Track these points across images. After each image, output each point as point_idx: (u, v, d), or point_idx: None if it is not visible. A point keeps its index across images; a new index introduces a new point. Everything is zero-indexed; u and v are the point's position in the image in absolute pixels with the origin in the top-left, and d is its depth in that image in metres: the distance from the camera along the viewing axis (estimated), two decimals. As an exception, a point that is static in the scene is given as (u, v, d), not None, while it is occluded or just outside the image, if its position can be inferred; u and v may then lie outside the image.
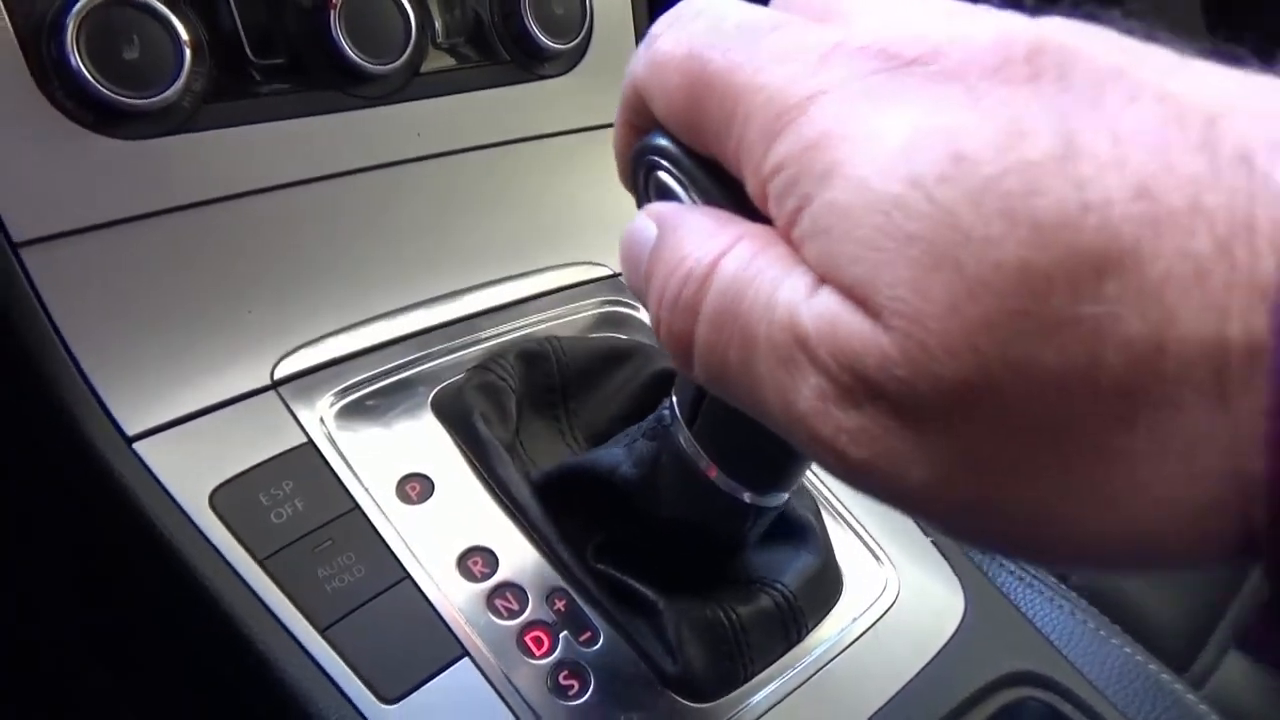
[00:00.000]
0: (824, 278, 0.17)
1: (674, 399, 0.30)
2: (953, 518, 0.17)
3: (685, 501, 0.31)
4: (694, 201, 0.21)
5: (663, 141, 0.21)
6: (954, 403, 0.15)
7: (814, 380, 0.17)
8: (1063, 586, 0.49)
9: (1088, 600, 0.50)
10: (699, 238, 0.19)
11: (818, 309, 0.17)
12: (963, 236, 0.15)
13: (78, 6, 0.33)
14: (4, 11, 0.32)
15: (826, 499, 0.42)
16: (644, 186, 0.23)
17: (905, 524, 0.43)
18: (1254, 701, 0.58)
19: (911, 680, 0.37)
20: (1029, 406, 0.15)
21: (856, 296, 0.16)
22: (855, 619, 0.38)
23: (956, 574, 0.42)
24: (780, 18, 0.19)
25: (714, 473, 0.29)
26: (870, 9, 0.19)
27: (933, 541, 0.43)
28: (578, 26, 0.46)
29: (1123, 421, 0.14)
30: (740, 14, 0.20)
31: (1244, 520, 0.14)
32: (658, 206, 0.21)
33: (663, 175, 0.22)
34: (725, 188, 0.20)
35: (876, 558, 0.41)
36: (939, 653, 0.38)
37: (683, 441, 0.30)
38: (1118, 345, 0.14)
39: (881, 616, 0.38)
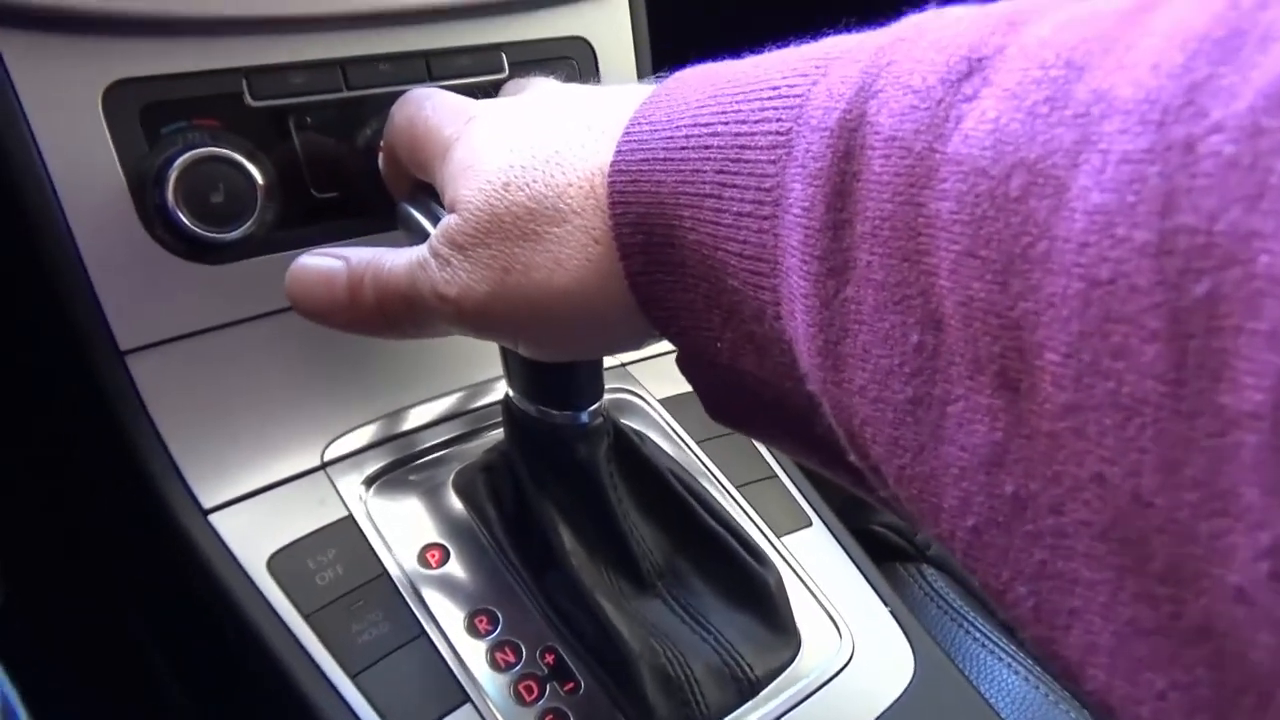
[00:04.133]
0: (449, 209, 0.32)
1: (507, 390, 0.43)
2: (496, 316, 0.31)
3: (534, 446, 0.43)
4: (430, 223, 0.37)
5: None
6: (484, 233, 0.31)
7: (433, 262, 0.32)
8: (1023, 654, 0.54)
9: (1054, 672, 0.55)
10: (372, 259, 0.35)
11: (439, 227, 0.32)
12: (498, 186, 0.31)
13: (176, 163, 0.41)
14: (119, 170, 0.41)
15: (795, 570, 0.48)
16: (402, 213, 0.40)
17: (864, 595, 0.49)
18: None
19: (857, 735, 0.43)
20: (514, 224, 0.30)
21: (454, 209, 0.32)
22: (809, 678, 0.44)
23: (910, 642, 0.47)
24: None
25: (533, 409, 0.41)
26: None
27: (891, 612, 0.48)
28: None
29: (552, 224, 0.29)
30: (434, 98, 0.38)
31: (622, 274, 0.28)
32: (340, 250, 0.37)
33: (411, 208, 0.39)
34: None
35: (835, 624, 0.46)
36: (885, 710, 0.44)
37: (514, 399, 0.42)
38: (549, 192, 0.29)
39: (834, 677, 0.44)
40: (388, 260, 0.35)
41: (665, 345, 0.58)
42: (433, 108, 0.37)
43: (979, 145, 0.17)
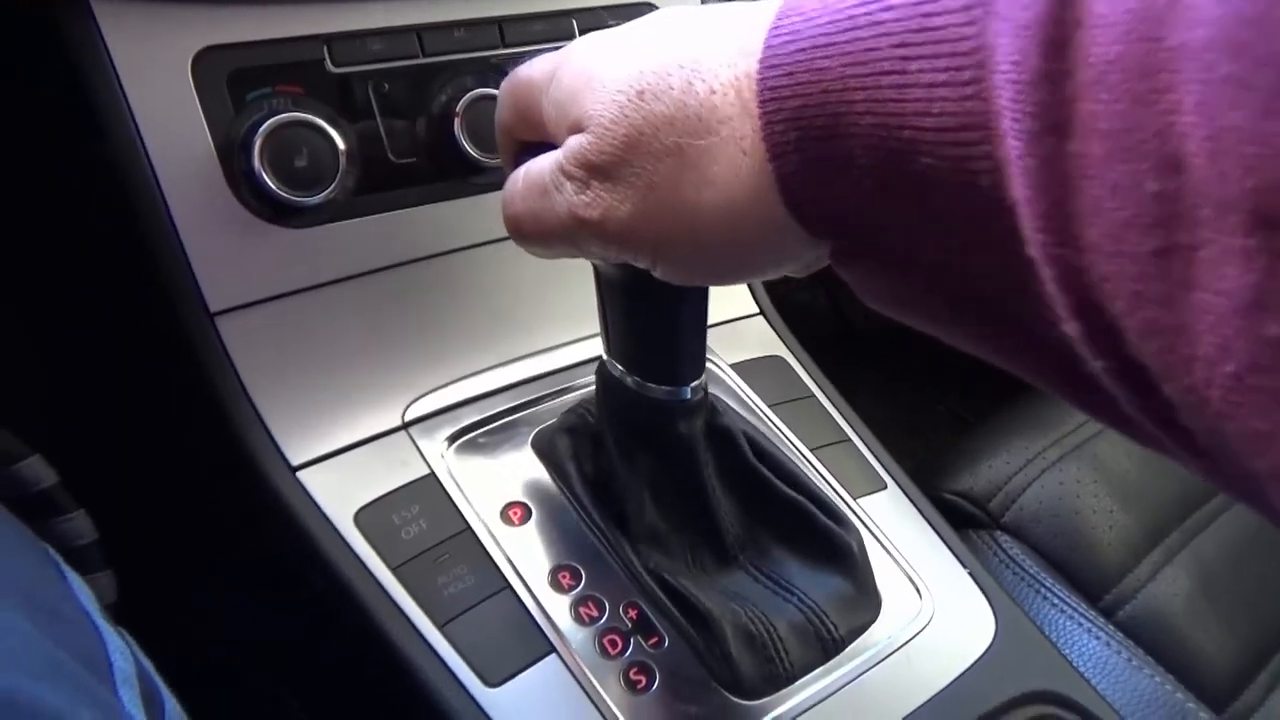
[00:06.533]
0: (571, 130, 0.31)
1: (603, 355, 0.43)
2: (639, 235, 0.30)
3: (627, 417, 0.42)
4: None
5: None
6: (624, 150, 0.29)
7: (567, 185, 0.31)
8: (1102, 619, 0.53)
9: (1134, 636, 0.54)
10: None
11: (566, 147, 0.31)
12: (631, 96, 0.29)
13: (262, 128, 0.42)
14: (208, 135, 0.42)
15: (872, 532, 0.48)
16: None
17: (942, 557, 0.48)
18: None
19: (939, 692, 0.42)
20: (655, 137, 0.28)
21: (581, 127, 0.30)
22: (890, 636, 0.43)
23: (989, 602, 0.47)
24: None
25: (631, 380, 0.41)
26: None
27: (969, 573, 0.48)
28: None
29: (697, 136, 0.28)
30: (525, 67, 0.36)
31: (772, 183, 0.27)
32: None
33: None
34: None
35: (915, 585, 0.46)
36: (967, 670, 0.44)
37: (609, 367, 0.42)
38: (691, 100, 0.28)
39: (915, 636, 0.44)
40: (518, 182, 0.34)
41: (735, 310, 0.58)
42: (529, 63, 0.36)
43: None
